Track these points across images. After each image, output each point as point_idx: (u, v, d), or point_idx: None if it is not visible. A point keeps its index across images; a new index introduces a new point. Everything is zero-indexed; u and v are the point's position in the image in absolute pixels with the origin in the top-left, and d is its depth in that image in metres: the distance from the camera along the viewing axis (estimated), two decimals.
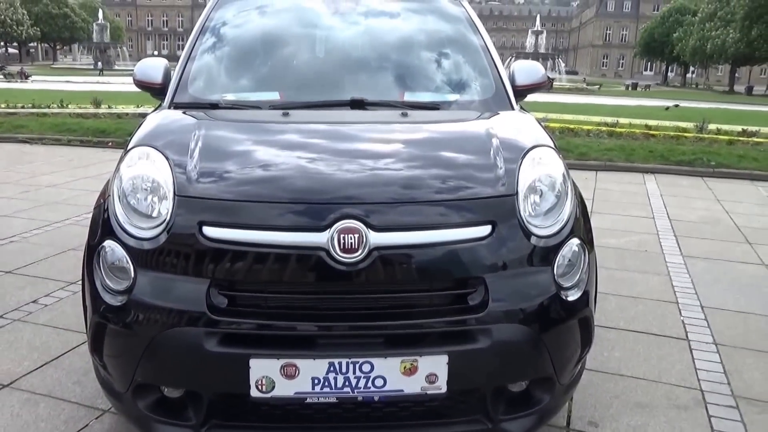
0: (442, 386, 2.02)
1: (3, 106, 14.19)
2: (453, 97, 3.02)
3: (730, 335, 3.76)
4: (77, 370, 3.09)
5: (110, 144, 10.32)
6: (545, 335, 2.12)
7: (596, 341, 3.51)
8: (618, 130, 12.11)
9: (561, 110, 17.34)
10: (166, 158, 2.23)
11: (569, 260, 2.22)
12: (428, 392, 2.03)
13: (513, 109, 2.94)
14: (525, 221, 2.15)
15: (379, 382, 2.01)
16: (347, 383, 2.00)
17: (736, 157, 9.73)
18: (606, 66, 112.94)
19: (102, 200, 2.34)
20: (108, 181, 2.41)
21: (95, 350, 2.20)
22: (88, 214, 5.61)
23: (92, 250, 2.22)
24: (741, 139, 11.57)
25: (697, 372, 3.29)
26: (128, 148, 2.39)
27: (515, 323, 2.06)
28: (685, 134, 11.77)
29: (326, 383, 1.99)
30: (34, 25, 74.08)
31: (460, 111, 2.91)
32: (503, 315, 2.04)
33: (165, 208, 2.10)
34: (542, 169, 2.29)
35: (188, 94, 2.92)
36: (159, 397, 2.14)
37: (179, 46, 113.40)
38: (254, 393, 1.98)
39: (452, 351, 2.01)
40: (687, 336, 3.73)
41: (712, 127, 12.72)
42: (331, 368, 1.98)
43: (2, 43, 75.53)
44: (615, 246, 5.53)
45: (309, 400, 2.03)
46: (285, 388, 1.98)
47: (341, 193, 2.08)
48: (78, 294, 3.94)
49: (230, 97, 2.95)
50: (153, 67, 3.07)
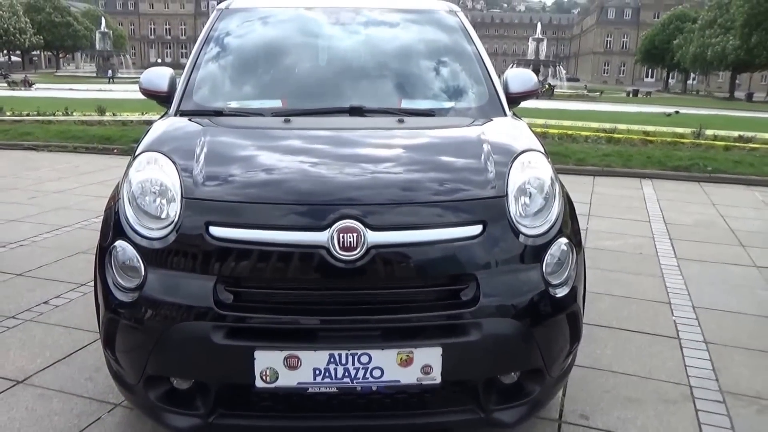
0: (436, 377, 2.13)
1: (9, 113, 14.29)
2: (448, 104, 3.12)
3: (720, 334, 3.84)
4: (88, 367, 3.19)
5: (115, 151, 10.41)
6: (534, 329, 2.22)
7: (589, 339, 3.63)
8: (616, 136, 12.17)
9: (561, 116, 17.37)
10: (174, 163, 2.34)
11: (558, 259, 2.32)
12: (423, 383, 2.14)
13: (506, 115, 3.04)
14: (514, 221, 2.26)
15: (376, 372, 2.11)
16: (347, 374, 2.10)
17: (733, 163, 9.79)
18: (607, 73, 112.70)
19: (112, 203, 2.45)
20: (117, 185, 2.53)
21: (108, 345, 2.31)
22: (95, 219, 5.84)
23: (104, 251, 2.33)
24: (738, 144, 11.61)
25: (686, 369, 3.37)
26: (137, 153, 2.50)
27: (505, 317, 2.16)
28: (683, 140, 11.84)
29: (327, 374, 2.10)
30: (37, 34, 74.01)
31: (455, 117, 3.01)
32: (494, 309, 2.15)
33: (173, 209, 2.22)
34: (531, 172, 2.40)
35: (193, 101, 3.02)
36: (169, 389, 2.25)
37: (182, 54, 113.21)
38: (259, 383, 2.09)
39: (446, 343, 2.11)
40: (678, 335, 3.81)
41: (709, 133, 12.76)
42: (332, 359, 2.09)
43: (5, 52, 75.71)
44: (610, 248, 5.61)
45: (311, 390, 2.14)
46: (288, 379, 2.09)
47: (340, 194, 2.20)
48: (87, 295, 4.06)
49: (234, 104, 3.06)
50: (159, 75, 3.18)
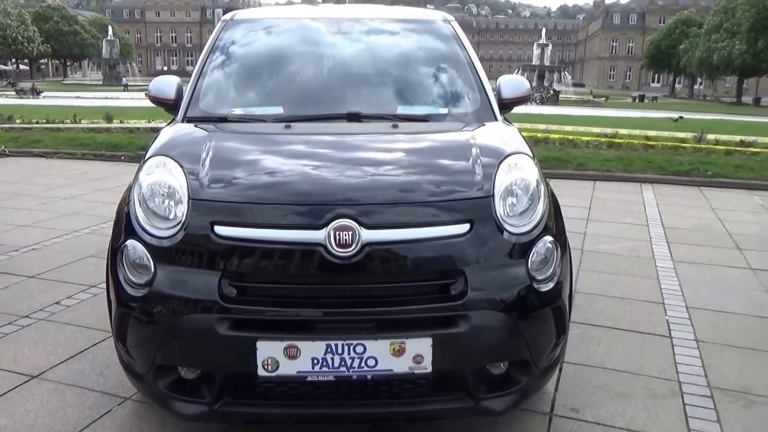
0: (427, 366, 2.26)
1: (18, 121, 14.53)
2: (441, 110, 3.26)
3: (711, 333, 3.93)
4: (100, 363, 3.33)
5: (123, 158, 10.57)
6: (520, 322, 2.35)
7: (583, 338, 3.75)
8: (617, 141, 12.22)
9: (564, 122, 17.46)
10: (181, 166, 2.49)
11: (543, 256, 2.45)
12: (415, 371, 2.27)
13: (497, 120, 3.18)
14: (501, 220, 2.39)
15: (371, 362, 2.24)
16: (343, 363, 2.24)
17: (733, 167, 9.84)
18: (613, 78, 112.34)
19: (123, 205, 2.60)
20: (128, 188, 2.68)
21: (120, 338, 2.46)
22: (104, 224, 6.00)
23: (116, 249, 2.48)
24: (739, 149, 11.65)
25: (676, 366, 3.47)
26: (146, 158, 2.66)
27: (492, 310, 2.30)
28: (684, 145, 11.87)
29: (324, 363, 2.23)
30: (45, 42, 74.62)
31: (447, 123, 3.14)
32: (481, 303, 2.28)
33: (181, 210, 2.36)
34: (518, 173, 2.53)
35: (199, 108, 3.18)
36: (177, 378, 2.39)
37: (188, 62, 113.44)
38: (261, 372, 2.23)
39: (436, 334, 2.25)
40: (670, 334, 3.91)
41: (711, 137, 12.80)
42: (329, 349, 2.22)
43: (14, 60, 76.31)
44: (608, 252, 5.70)
45: (309, 379, 2.27)
46: (288, 368, 2.23)
47: (337, 195, 2.34)
48: (97, 296, 4.22)
49: (238, 111, 3.21)
50: (167, 84, 3.35)
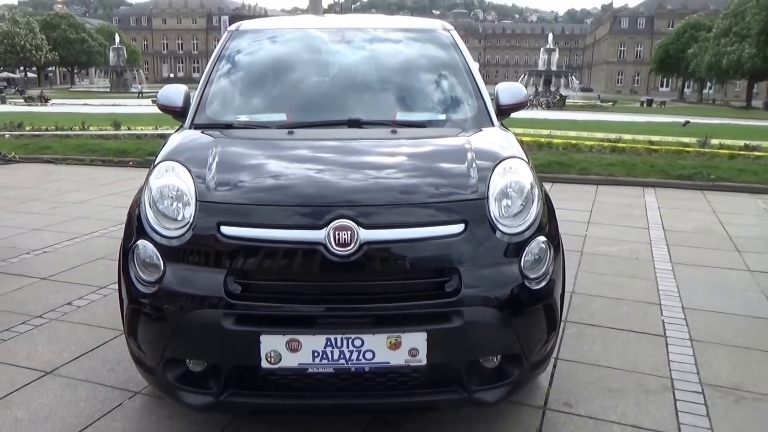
0: (422, 359, 2.37)
1: (28, 128, 14.72)
2: (439, 116, 3.37)
3: (706, 332, 4.01)
4: (110, 360, 3.46)
5: (131, 163, 10.72)
6: (512, 318, 2.46)
7: (578, 336, 3.86)
8: (620, 145, 12.23)
9: (569, 127, 17.51)
10: (189, 170, 2.62)
11: (536, 255, 2.56)
12: (411, 364, 2.38)
13: (494, 126, 3.28)
14: (494, 221, 2.50)
15: (368, 355, 2.36)
16: (342, 356, 2.36)
17: (736, 171, 9.82)
18: (621, 83, 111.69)
19: (134, 207, 2.74)
20: (139, 191, 2.81)
21: (131, 333, 2.59)
22: (113, 228, 6.16)
23: (127, 249, 2.61)
24: (743, 153, 11.62)
25: (669, 363, 3.57)
26: (156, 162, 2.79)
27: (484, 306, 2.41)
28: (687, 149, 11.88)
29: (324, 356, 2.35)
30: (53, 50, 75.40)
31: (444, 128, 3.26)
32: (474, 299, 2.39)
33: (188, 212, 2.49)
34: (512, 177, 2.64)
35: (206, 115, 3.31)
36: (185, 370, 2.51)
37: (194, 69, 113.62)
38: (264, 364, 2.35)
39: (430, 329, 2.36)
40: (665, 333, 3.99)
41: (715, 142, 12.79)
42: (328, 343, 2.34)
43: (22, 68, 76.90)
44: (607, 254, 5.79)
45: (310, 371, 2.39)
46: (290, 360, 2.35)
47: (336, 197, 2.46)
48: (107, 297, 4.35)
49: (243, 118, 3.34)
50: (174, 92, 3.49)
